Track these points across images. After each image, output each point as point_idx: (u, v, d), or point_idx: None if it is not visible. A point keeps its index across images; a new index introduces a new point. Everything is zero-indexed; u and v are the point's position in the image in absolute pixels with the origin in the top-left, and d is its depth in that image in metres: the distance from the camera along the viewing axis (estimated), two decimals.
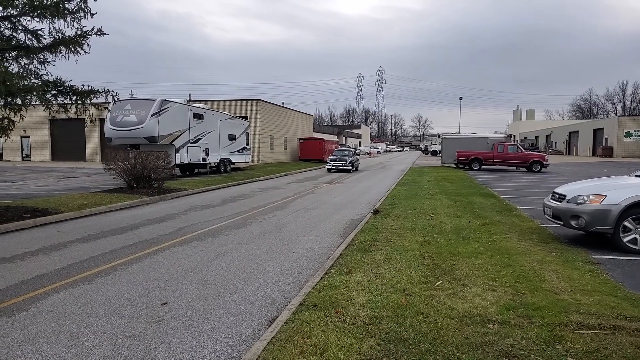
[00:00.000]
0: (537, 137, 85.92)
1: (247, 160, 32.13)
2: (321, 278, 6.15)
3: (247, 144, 31.89)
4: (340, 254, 7.46)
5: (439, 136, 66.93)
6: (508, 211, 11.98)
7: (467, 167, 32.09)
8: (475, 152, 32.12)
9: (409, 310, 4.91)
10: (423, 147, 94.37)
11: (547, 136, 79.78)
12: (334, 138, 64.71)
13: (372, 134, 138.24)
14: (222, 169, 27.52)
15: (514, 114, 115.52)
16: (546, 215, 8.93)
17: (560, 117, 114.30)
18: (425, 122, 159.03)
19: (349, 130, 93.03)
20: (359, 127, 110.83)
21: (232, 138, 28.93)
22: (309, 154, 45.23)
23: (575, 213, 7.88)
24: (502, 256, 7.15)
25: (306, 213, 12.59)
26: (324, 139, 47.74)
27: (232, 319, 5.00)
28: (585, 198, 7.87)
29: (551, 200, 8.76)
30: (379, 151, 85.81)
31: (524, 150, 32.61)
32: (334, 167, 29.83)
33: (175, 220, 11.25)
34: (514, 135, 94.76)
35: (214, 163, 26.74)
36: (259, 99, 40.31)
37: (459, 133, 66.79)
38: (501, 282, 5.86)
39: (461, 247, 7.84)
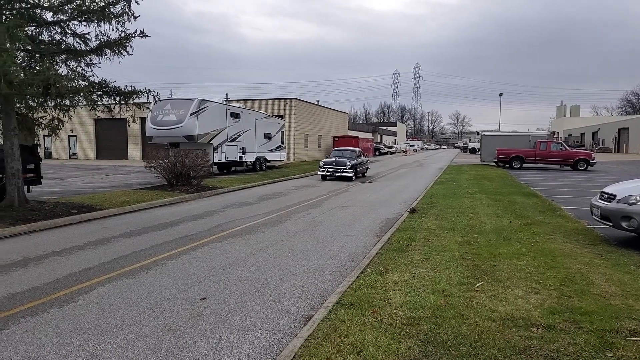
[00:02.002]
0: (582, 134, 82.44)
1: (282, 159, 32.41)
2: (357, 277, 6.11)
3: (282, 143, 32.15)
4: (377, 253, 7.39)
5: (477, 133, 65.35)
6: (552, 211, 11.55)
7: (507, 165, 31.18)
8: (516, 149, 31.16)
9: (448, 312, 4.81)
10: (461, 144, 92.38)
11: (594, 133, 76.42)
12: (369, 136, 64.24)
13: (409, 131, 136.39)
14: (258, 167, 27.86)
15: (558, 110, 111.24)
16: (594, 216, 8.53)
17: (609, 113, 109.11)
18: (464, 119, 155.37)
19: (384, 128, 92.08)
20: (394, 124, 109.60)
21: (267, 137, 29.24)
22: None
23: (627, 214, 7.50)
24: (546, 258, 6.89)
25: (341, 211, 12.56)
26: (358, 137, 47.54)
27: (269, 315, 5.04)
28: (638, 198, 7.47)
29: (599, 200, 8.37)
30: (415, 149, 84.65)
31: (568, 148, 31.40)
32: (328, 174, 22.63)
33: (213, 217, 11.47)
34: (558, 133, 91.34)
35: (250, 161, 27.11)
36: (294, 98, 40.57)
37: (499, 130, 64.97)
38: (545, 284, 5.65)
39: (502, 247, 7.61)
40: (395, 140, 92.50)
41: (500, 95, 67.67)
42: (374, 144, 59.01)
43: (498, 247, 7.67)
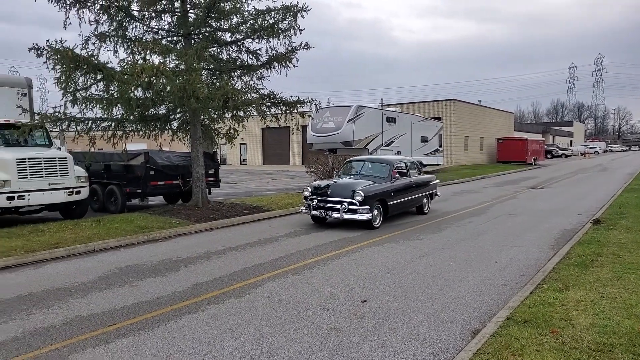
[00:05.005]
0: None
1: (439, 163, 31.29)
2: (531, 292, 5.52)
3: (440, 146, 31.10)
4: (553, 268, 6.58)
5: None
6: None
7: None
8: None
9: None
10: None
11: None
12: (538, 137, 58.23)
13: (588, 131, 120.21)
14: None
15: None
16: None
17: None
18: None
19: (557, 128, 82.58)
20: (570, 124, 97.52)
21: (424, 140, 28.59)
22: (508, 155, 41.64)
23: None
24: None
25: (508, 220, 11.55)
26: (526, 139, 43.31)
27: (432, 324, 4.82)
28: None
29: None
30: (596, 151, 74.41)
31: None
32: (317, 212, 10.81)
33: None
34: None
35: None
36: (453, 99, 38.97)
37: None
38: None
39: None
40: (571, 141, 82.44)
41: None
42: (545, 146, 53.26)
43: None
